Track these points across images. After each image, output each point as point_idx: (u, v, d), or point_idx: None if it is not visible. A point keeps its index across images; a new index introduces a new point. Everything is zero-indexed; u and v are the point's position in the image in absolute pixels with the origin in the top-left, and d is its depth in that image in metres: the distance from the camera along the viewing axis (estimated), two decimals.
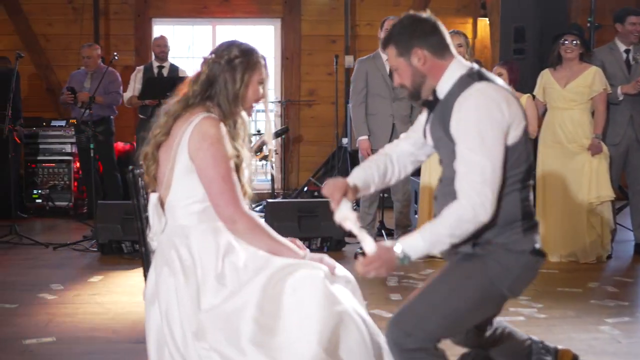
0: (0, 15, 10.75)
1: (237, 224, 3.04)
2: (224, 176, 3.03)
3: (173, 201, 3.11)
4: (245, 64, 3.15)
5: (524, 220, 3.01)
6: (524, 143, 2.99)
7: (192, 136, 3.03)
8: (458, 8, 11.24)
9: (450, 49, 3.09)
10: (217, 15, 11.09)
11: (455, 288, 3.00)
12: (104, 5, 10.83)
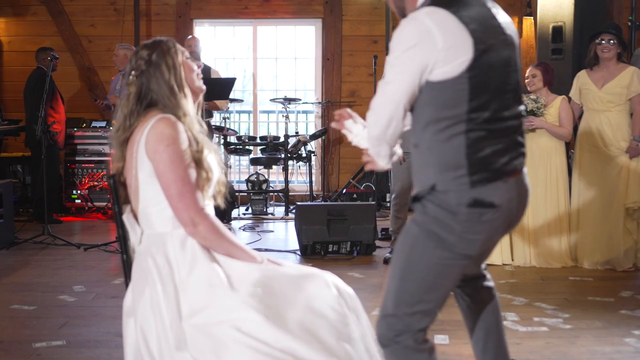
0: (43, 16, 10.89)
1: (199, 227, 2.94)
2: (183, 178, 2.93)
3: (144, 209, 3.03)
4: (161, 53, 3.09)
5: (471, 168, 2.70)
6: (467, 80, 2.66)
7: (149, 139, 2.95)
8: (504, 7, 10.85)
9: None
10: (257, 16, 11.05)
11: (408, 261, 2.82)
12: (145, 6, 10.87)
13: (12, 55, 10.92)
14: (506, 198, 2.75)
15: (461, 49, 2.65)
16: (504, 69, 2.77)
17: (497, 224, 2.77)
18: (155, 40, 3.17)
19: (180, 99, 3.07)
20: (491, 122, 2.72)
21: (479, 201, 2.70)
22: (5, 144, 10.38)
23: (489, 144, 2.72)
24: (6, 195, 7.62)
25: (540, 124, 6.64)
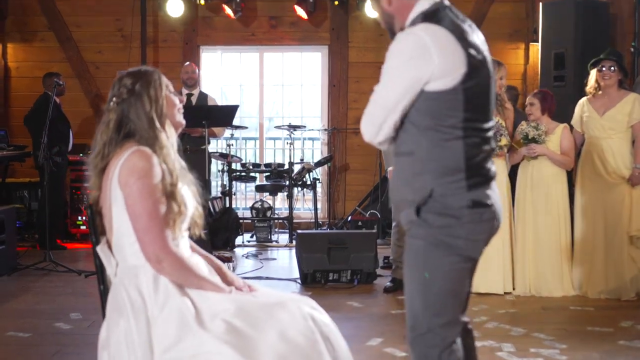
0: (51, 42, 10.97)
1: (163, 263, 2.92)
2: (150, 212, 2.91)
3: (118, 241, 3.01)
4: (146, 83, 3.08)
5: (468, 172, 2.85)
6: (462, 92, 2.81)
7: (121, 171, 2.94)
8: (510, 33, 10.99)
9: None
10: (264, 42, 11.08)
11: (422, 269, 2.89)
12: (152, 33, 10.93)
13: (20, 81, 10.98)
14: (494, 200, 2.94)
15: (456, 64, 2.80)
16: (487, 82, 2.93)
17: (492, 223, 2.94)
18: (141, 69, 3.16)
19: (158, 132, 3.06)
20: (481, 131, 2.91)
21: (477, 202, 2.86)
22: (12, 170, 10.42)
23: (481, 151, 2.90)
24: (8, 221, 7.63)
25: (542, 151, 6.60)
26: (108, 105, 3.11)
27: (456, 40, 2.81)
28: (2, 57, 10.96)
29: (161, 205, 2.95)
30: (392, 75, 2.84)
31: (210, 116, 8.30)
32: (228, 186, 9.71)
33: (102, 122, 3.11)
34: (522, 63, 10.95)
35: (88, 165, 3.13)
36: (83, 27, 10.98)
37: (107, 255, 3.05)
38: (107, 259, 3.06)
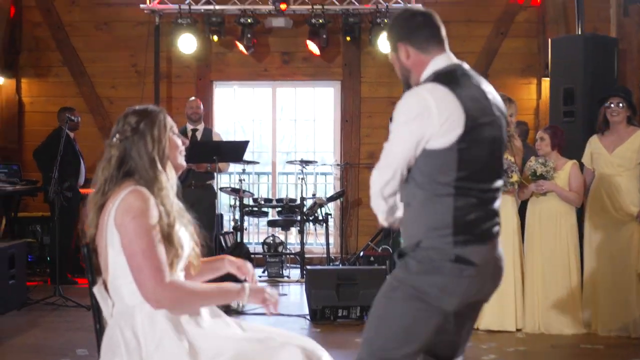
0: (65, 77, 11.07)
1: (161, 302, 2.90)
2: (144, 251, 2.88)
3: (114, 281, 3.00)
4: (150, 123, 3.08)
5: (456, 229, 2.97)
6: (456, 152, 2.94)
7: (118, 211, 2.93)
8: (522, 68, 11.01)
9: (439, 44, 3.12)
10: (277, 78, 11.13)
11: (385, 310, 3.07)
12: (166, 68, 11.01)
13: (34, 116, 11.07)
14: (484, 260, 3.00)
15: (455, 124, 2.92)
16: (490, 145, 3.03)
17: (475, 282, 2.99)
18: (148, 108, 3.16)
19: (159, 173, 3.05)
20: (476, 191, 3.00)
21: (461, 257, 2.95)
22: (24, 204, 10.46)
23: (474, 211, 2.99)
24: (18, 256, 7.65)
25: (550, 187, 6.56)
26: (111, 140, 3.10)
27: (458, 101, 2.93)
28: (16, 91, 11.06)
29: (157, 245, 2.93)
30: (397, 133, 3.00)
31: (220, 152, 8.31)
32: (239, 221, 9.70)
33: (104, 158, 3.10)
34: (534, 98, 10.95)
35: (88, 203, 3.11)
36: (97, 62, 11.08)
37: (104, 295, 3.05)
38: (103, 299, 3.05)
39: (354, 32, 10.50)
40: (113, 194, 3.00)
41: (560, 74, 7.62)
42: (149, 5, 10.53)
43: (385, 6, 10.34)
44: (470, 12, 10.98)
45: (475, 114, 2.96)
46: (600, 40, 7.72)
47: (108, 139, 3.14)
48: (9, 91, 11.04)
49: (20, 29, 11.12)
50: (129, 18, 10.96)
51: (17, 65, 11.12)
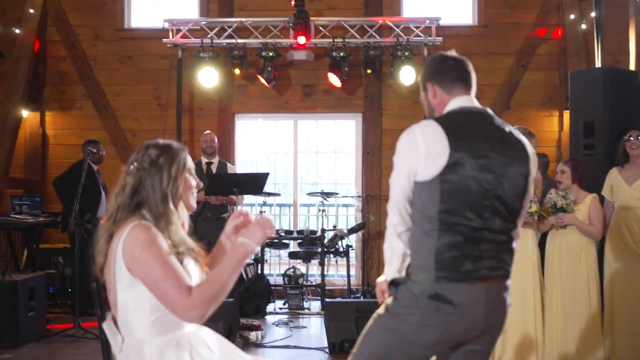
0: (88, 110, 11.20)
1: (197, 313, 2.87)
2: (162, 276, 2.88)
3: (124, 316, 3.00)
4: (170, 160, 3.09)
5: (438, 265, 3.05)
6: (439, 183, 3.05)
7: (125, 249, 2.93)
8: (544, 100, 10.99)
9: (464, 87, 3.26)
10: (298, 110, 11.17)
11: (371, 327, 3.28)
12: (188, 101, 11.09)
13: (58, 148, 11.19)
14: (467, 300, 3.04)
15: (439, 157, 3.04)
16: (482, 184, 3.07)
17: (454, 321, 3.04)
18: (170, 145, 3.18)
19: (168, 209, 3.05)
20: (464, 227, 3.06)
21: (439, 295, 3.03)
22: (47, 236, 10.53)
23: (458, 248, 3.04)
24: (38, 288, 7.69)
25: (570, 220, 6.50)
26: (128, 167, 3.12)
27: (445, 136, 3.05)
28: (40, 124, 11.20)
29: (170, 263, 2.91)
30: (393, 169, 3.22)
31: (240, 184, 8.33)
32: (260, 253, 9.70)
33: (118, 184, 3.13)
34: (556, 130, 10.90)
35: (100, 229, 3.11)
36: (121, 96, 11.20)
37: (113, 331, 3.05)
38: (112, 335, 3.05)
39: (375, 64, 10.53)
40: (120, 226, 3.00)
41: (580, 106, 7.57)
42: (172, 39, 10.63)
43: (406, 39, 10.37)
44: (491, 45, 11.00)
45: (465, 150, 3.05)
46: (620, 73, 7.69)
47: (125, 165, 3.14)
48: (33, 124, 11.17)
49: (44, 63, 11.28)
50: (152, 52, 11.09)
51: (41, 99, 11.27)
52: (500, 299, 3.14)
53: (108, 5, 11.33)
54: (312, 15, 10.49)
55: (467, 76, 3.28)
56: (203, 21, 10.78)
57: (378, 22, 10.65)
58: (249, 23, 10.63)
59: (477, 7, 11.16)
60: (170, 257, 2.94)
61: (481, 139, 3.12)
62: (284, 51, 10.71)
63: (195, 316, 2.88)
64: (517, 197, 3.18)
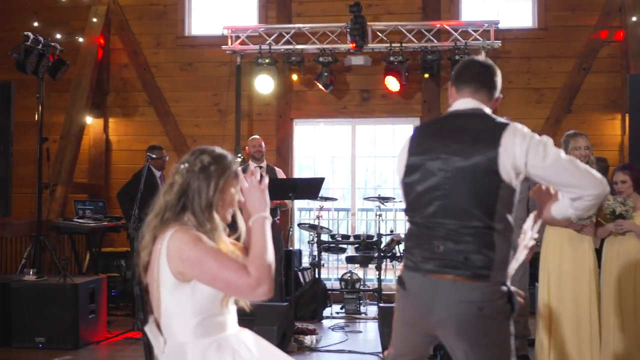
0: (150, 117, 11.43)
1: (264, 289, 2.93)
2: (218, 267, 2.91)
3: (167, 320, 3.05)
4: (220, 170, 3.10)
5: (404, 256, 3.47)
6: (402, 184, 3.47)
7: (170, 254, 2.96)
8: (606, 104, 10.80)
9: (470, 89, 3.43)
10: (356, 115, 11.20)
11: None
12: (247, 107, 11.22)
13: (120, 154, 11.45)
14: (416, 288, 3.33)
15: (401, 162, 3.47)
16: (429, 184, 3.32)
17: (407, 305, 3.38)
18: (224, 156, 3.19)
19: (212, 216, 3.09)
20: (418, 219, 3.36)
21: (400, 279, 3.42)
22: (110, 239, 10.76)
23: (413, 239, 3.38)
24: (98, 291, 7.87)
25: (630, 227, 6.37)
26: (178, 166, 3.14)
27: (409, 142, 3.49)
28: (103, 130, 11.47)
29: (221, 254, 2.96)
30: None
31: (296, 189, 8.39)
32: (317, 257, 9.74)
33: (167, 183, 3.16)
34: (618, 134, 10.71)
35: (146, 224, 3.14)
36: (181, 102, 11.39)
37: (155, 333, 3.09)
38: (154, 337, 3.09)
39: (433, 68, 10.48)
40: (163, 230, 3.05)
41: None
42: (231, 46, 10.77)
43: (464, 43, 10.31)
44: (551, 48, 10.87)
45: (419, 154, 3.36)
46: None
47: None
48: (96, 130, 11.44)
49: (108, 71, 11.55)
50: (212, 59, 11.26)
51: (105, 105, 11.54)
52: (452, 295, 3.22)
53: (169, 13, 11.55)
54: (369, 20, 10.52)
55: (478, 78, 3.41)
56: (261, 28, 10.89)
57: (435, 26, 10.61)
58: (307, 29, 10.71)
59: (537, 10, 11.04)
60: (217, 247, 2.98)
61: (438, 141, 3.32)
62: (341, 56, 10.76)
63: (264, 291, 2.91)
64: (471, 195, 3.22)
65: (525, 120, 10.72)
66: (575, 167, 3.22)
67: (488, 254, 3.20)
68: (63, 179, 10.32)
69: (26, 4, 10.96)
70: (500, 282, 3.25)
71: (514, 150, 3.20)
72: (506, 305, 3.25)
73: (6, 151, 7.84)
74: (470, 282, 3.19)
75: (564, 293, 6.27)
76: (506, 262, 3.27)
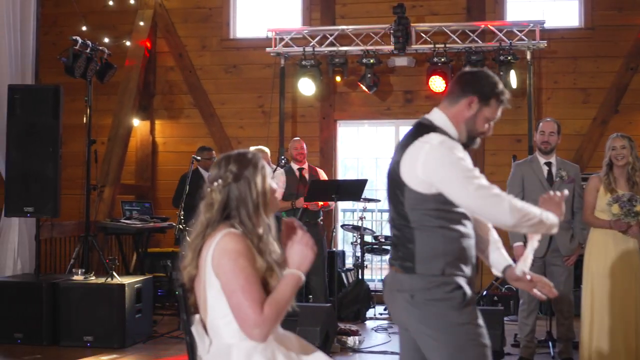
0: (195, 119, 11.58)
1: (263, 331, 2.97)
2: (243, 287, 2.96)
3: (213, 321, 3.10)
4: (253, 170, 3.13)
5: None
6: None
7: (214, 255, 3.01)
8: None
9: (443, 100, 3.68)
10: (399, 116, 11.19)
11: None
12: (291, 108, 11.29)
13: (167, 156, 11.61)
14: (385, 280, 3.65)
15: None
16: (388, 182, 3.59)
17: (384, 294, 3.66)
18: (245, 154, 3.21)
19: (261, 219, 3.14)
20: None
21: None
22: (157, 240, 10.91)
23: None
24: (145, 291, 7.99)
25: None
26: (212, 185, 3.17)
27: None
28: (150, 132, 11.65)
29: (254, 279, 3.00)
30: None
31: (339, 190, 8.42)
32: (360, 258, 9.76)
33: (205, 202, 3.18)
34: None
35: (188, 245, 3.19)
36: (226, 104, 11.52)
37: (201, 334, 3.14)
38: (200, 338, 3.14)
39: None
40: (209, 236, 3.10)
41: None
42: (275, 48, 10.85)
43: (509, 43, 10.26)
44: (598, 48, 10.75)
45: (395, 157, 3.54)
46: None
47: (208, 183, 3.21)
48: (143, 132, 11.62)
49: (154, 74, 11.72)
50: (256, 61, 11.36)
51: (151, 108, 11.72)
52: (394, 287, 3.50)
53: (214, 16, 11.67)
54: (413, 21, 10.52)
55: (448, 89, 3.64)
56: (305, 30, 10.95)
57: (480, 27, 10.57)
58: (350, 31, 10.74)
59: (584, 9, 10.92)
60: (254, 271, 3.02)
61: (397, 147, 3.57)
62: (384, 58, 10.77)
63: (262, 333, 2.97)
64: (392, 195, 3.53)
65: (572, 121, 10.77)
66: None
67: (410, 248, 3.41)
68: (111, 181, 10.50)
69: (75, 9, 11.16)
70: (438, 274, 3.37)
71: (416, 161, 3.40)
72: (450, 294, 3.35)
73: (55, 154, 7.99)
74: (401, 273, 3.45)
75: (609, 295, 6.21)
76: (437, 255, 3.38)
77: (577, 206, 6.77)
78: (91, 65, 8.76)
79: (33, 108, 8.04)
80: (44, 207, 7.98)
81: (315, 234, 8.61)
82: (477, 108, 3.51)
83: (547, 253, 6.72)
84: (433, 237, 3.38)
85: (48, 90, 8.13)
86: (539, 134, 6.91)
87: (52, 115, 8.03)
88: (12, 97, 8.06)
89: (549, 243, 6.72)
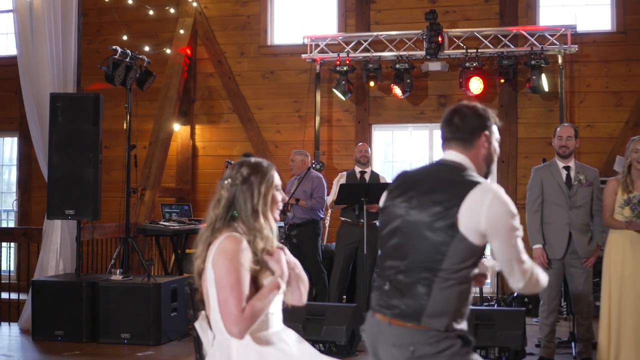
0: (234, 123, 11.90)
1: (241, 329, 3.25)
2: (233, 285, 3.24)
3: (214, 316, 3.37)
4: (260, 178, 3.44)
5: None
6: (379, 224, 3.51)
7: (215, 255, 3.31)
8: None
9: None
10: (433, 120, 11.31)
11: None
12: (327, 113, 11.53)
13: (206, 159, 11.95)
14: (367, 327, 3.29)
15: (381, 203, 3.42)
16: (390, 228, 3.24)
17: (366, 341, 3.31)
18: (261, 163, 3.54)
19: (259, 222, 3.42)
20: (380, 264, 3.30)
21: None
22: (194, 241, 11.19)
23: (377, 280, 3.31)
24: (180, 290, 8.29)
25: None
26: (222, 182, 3.50)
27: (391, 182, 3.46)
28: (190, 137, 11.98)
29: (244, 280, 3.30)
30: None
31: (369, 193, 8.56)
32: None
33: (215, 197, 3.52)
34: None
35: (199, 236, 3.52)
36: (264, 109, 11.81)
37: (205, 329, 3.43)
38: (204, 332, 3.44)
39: (509, 73, 10.56)
40: (216, 236, 3.40)
41: None
42: (311, 54, 11.11)
43: (541, 48, 10.37)
44: (630, 51, 10.80)
45: (387, 201, 3.33)
46: None
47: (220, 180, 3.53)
48: (184, 137, 11.97)
49: (194, 80, 12.06)
50: (293, 67, 11.64)
51: (191, 113, 12.05)
52: (388, 340, 3.14)
53: (252, 23, 11.98)
54: (446, 26, 10.70)
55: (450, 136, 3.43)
56: (340, 36, 11.19)
57: (512, 32, 10.69)
58: (384, 37, 10.95)
59: (616, 13, 10.97)
60: (246, 272, 3.31)
61: (403, 190, 3.28)
62: (418, 63, 10.95)
63: (238, 330, 3.25)
64: (419, 248, 3.13)
65: (604, 124, 10.83)
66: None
67: (421, 302, 3.09)
68: (151, 184, 10.82)
69: (117, 18, 11.55)
70: (442, 330, 3.08)
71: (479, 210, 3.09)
72: (452, 349, 3.10)
73: (95, 159, 8.31)
74: (398, 324, 3.11)
75: (628, 295, 6.32)
76: (448, 312, 3.09)
77: (596, 209, 6.88)
78: (130, 73, 9.04)
79: (74, 115, 8.39)
80: (84, 210, 8.32)
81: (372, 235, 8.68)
82: (490, 141, 3.37)
83: (565, 255, 6.84)
84: (450, 293, 3.09)
85: (88, 98, 8.48)
86: (557, 139, 7.03)
87: (92, 122, 8.36)
88: (54, 104, 8.43)
89: (567, 245, 6.84)
